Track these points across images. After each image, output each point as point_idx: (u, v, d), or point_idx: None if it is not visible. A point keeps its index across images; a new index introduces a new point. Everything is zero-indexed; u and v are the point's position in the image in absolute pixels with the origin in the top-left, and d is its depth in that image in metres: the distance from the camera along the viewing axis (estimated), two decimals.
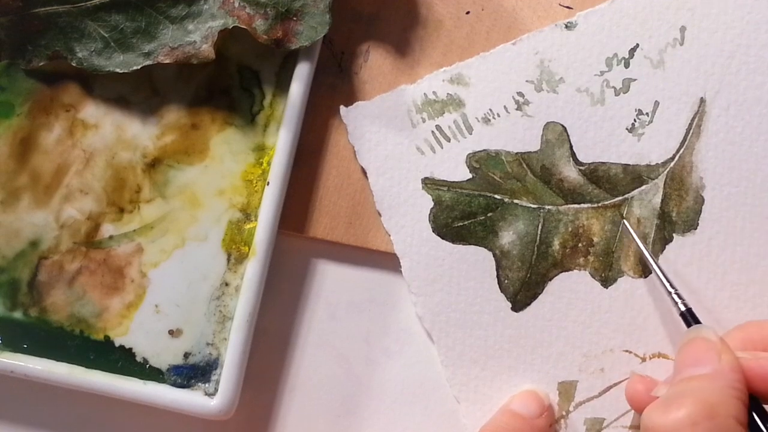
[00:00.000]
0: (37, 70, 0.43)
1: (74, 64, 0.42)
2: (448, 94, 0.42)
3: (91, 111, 0.43)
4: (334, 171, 0.43)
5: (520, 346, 0.41)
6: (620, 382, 0.40)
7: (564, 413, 0.41)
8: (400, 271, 0.42)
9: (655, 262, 0.39)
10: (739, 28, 0.41)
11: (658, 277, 0.39)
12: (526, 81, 0.42)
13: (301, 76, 0.42)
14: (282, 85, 0.43)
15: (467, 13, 0.43)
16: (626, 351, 0.40)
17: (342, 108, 0.43)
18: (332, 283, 0.43)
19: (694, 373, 0.34)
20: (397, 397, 0.42)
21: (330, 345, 0.43)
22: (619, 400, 0.40)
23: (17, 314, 0.42)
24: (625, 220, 0.41)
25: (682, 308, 0.38)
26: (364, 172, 0.42)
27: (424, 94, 0.42)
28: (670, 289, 0.38)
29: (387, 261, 0.42)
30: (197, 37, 0.41)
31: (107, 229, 0.42)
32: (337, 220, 0.43)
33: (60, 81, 0.44)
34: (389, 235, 0.42)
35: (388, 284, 0.43)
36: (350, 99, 0.43)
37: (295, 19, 0.41)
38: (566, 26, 0.42)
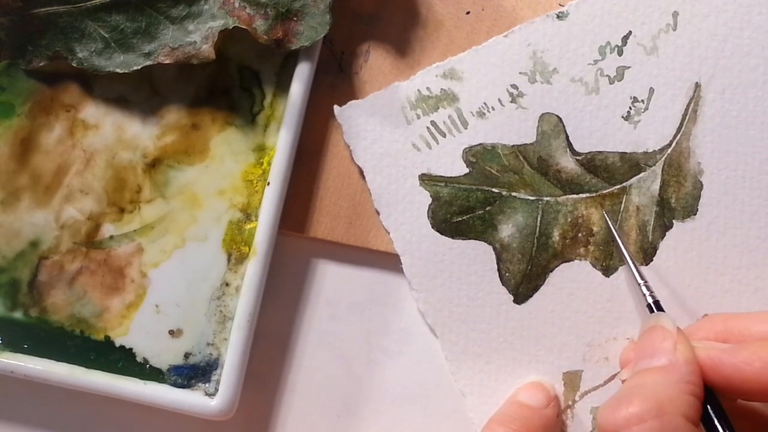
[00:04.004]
0: (38, 70, 0.43)
1: (74, 65, 0.42)
2: (441, 89, 0.42)
3: (92, 111, 0.43)
4: (334, 171, 0.43)
5: (523, 338, 0.41)
6: None
7: (570, 403, 0.40)
8: (401, 271, 0.42)
9: (628, 252, 0.40)
10: (731, 11, 0.41)
11: (630, 266, 0.39)
12: (520, 73, 0.42)
13: (302, 76, 0.42)
14: (282, 85, 0.43)
15: (467, 13, 0.43)
16: (630, 339, 0.40)
17: (336, 108, 0.43)
18: (332, 283, 0.43)
19: (649, 365, 0.34)
20: (397, 397, 0.42)
21: (330, 345, 0.43)
22: None
23: (17, 314, 0.42)
24: (604, 211, 0.41)
25: (650, 300, 0.38)
26: (361, 172, 0.42)
27: (418, 90, 0.42)
28: (640, 280, 0.38)
29: (387, 261, 0.42)
30: (197, 37, 0.41)
31: (107, 229, 0.42)
32: (338, 220, 0.43)
33: (60, 81, 0.44)
34: (389, 234, 0.42)
35: (388, 284, 0.43)
36: (350, 99, 0.43)
37: (295, 19, 0.41)
38: (558, 16, 0.42)
